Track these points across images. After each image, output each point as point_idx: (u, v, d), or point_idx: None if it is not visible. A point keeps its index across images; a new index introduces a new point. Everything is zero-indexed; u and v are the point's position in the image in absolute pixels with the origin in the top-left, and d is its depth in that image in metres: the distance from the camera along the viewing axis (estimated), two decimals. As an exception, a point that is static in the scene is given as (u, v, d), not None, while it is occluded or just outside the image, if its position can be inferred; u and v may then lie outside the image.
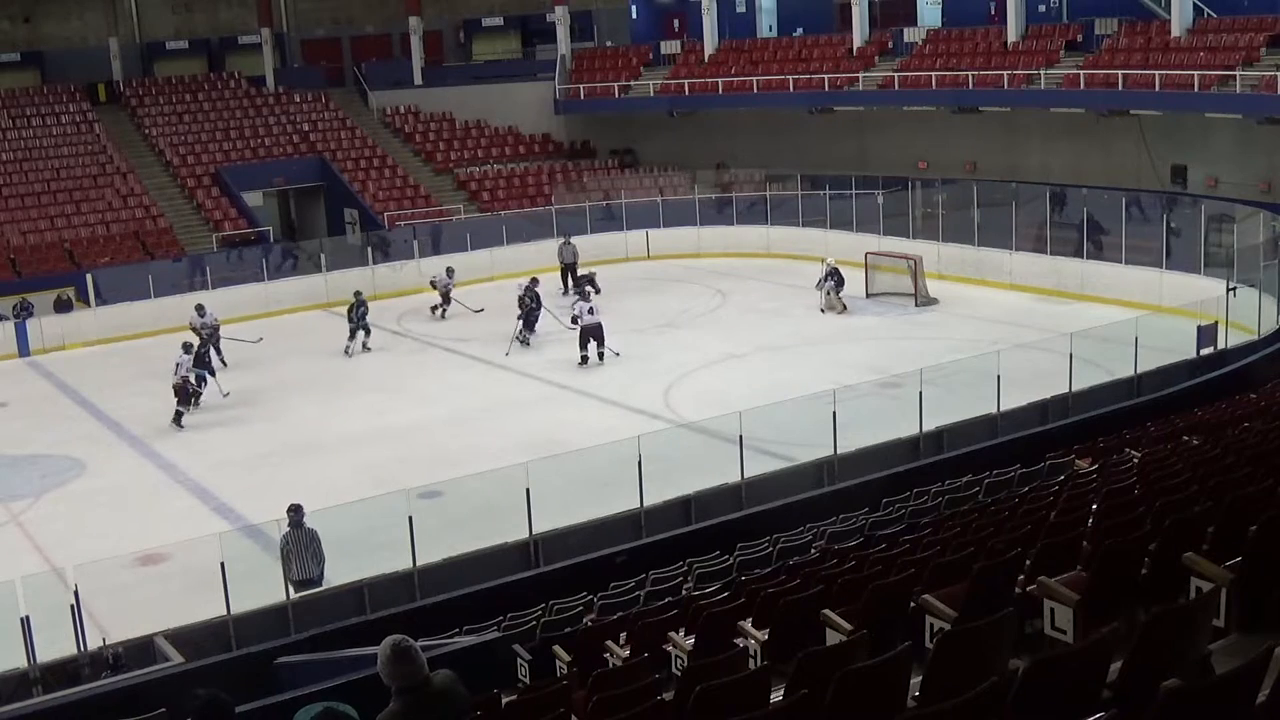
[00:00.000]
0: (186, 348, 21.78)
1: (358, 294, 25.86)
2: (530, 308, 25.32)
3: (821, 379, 20.03)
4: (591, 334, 23.25)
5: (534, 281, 25.96)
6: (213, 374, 22.71)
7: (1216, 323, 20.09)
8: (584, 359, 23.34)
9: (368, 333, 25.66)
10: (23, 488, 18.67)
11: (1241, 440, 10.54)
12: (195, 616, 12.52)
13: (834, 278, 26.71)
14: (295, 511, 13.48)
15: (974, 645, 5.20)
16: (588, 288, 25.72)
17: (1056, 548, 7.12)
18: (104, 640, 11.82)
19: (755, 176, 36.09)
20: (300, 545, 13.32)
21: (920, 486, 13.29)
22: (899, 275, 28.02)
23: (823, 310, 26.74)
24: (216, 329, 24.95)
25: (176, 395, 21.16)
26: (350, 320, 25.58)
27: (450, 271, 28.95)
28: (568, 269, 31.12)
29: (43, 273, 31.37)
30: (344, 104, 41.54)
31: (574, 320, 23.74)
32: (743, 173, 36.62)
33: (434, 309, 28.60)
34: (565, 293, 30.48)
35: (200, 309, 25.38)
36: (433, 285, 28.90)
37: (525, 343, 25.05)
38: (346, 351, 25.46)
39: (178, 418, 21.11)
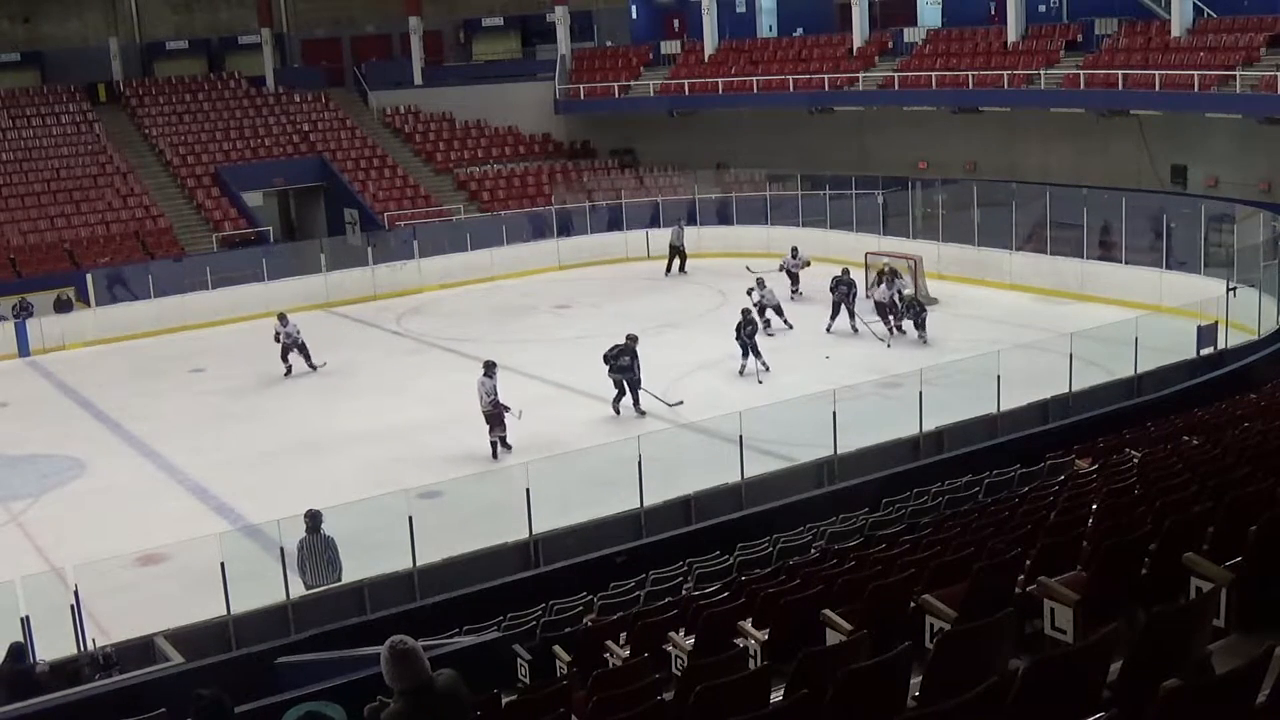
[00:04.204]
0: (489, 369, 18.83)
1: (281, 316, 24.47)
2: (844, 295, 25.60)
3: (821, 379, 20.03)
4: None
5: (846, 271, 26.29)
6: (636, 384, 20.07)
7: (1216, 323, 20.08)
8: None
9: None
10: (23, 488, 18.67)
11: (1241, 440, 10.52)
12: (195, 616, 12.52)
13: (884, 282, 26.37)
14: (311, 518, 13.23)
15: (974, 645, 5.20)
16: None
17: (1056, 548, 7.11)
18: (93, 641, 11.81)
19: (755, 176, 36.08)
20: (315, 553, 13.11)
21: (920, 486, 13.29)
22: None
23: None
24: (296, 339, 24.02)
25: (489, 423, 18.66)
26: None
27: (795, 251, 28.74)
28: (675, 251, 32.00)
29: (43, 273, 31.37)
30: (344, 104, 41.52)
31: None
32: (743, 173, 36.61)
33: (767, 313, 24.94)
34: (668, 273, 31.63)
35: (283, 318, 24.29)
36: None
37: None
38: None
39: (498, 447, 18.67)
